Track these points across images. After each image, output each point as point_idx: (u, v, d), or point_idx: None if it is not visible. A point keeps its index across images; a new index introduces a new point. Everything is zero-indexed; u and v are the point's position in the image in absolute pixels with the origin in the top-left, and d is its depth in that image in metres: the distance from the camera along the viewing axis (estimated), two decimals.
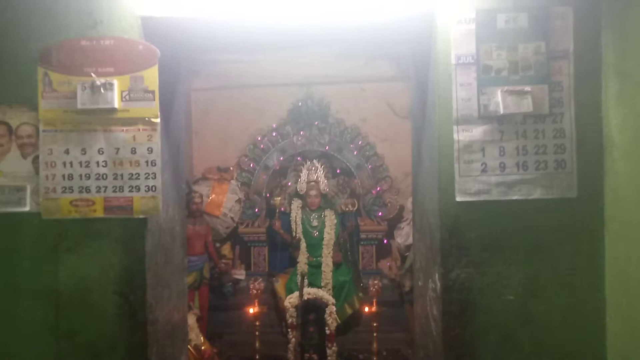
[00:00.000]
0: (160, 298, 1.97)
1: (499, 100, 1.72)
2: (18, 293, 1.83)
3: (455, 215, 1.76)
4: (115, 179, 1.78)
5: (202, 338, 3.52)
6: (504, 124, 1.75)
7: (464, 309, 1.77)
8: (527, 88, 1.72)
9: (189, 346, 2.80)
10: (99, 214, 1.78)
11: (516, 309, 1.77)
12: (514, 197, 1.74)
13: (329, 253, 3.99)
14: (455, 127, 1.76)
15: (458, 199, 1.74)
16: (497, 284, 1.77)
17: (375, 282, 3.48)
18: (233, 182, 4.39)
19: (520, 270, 1.77)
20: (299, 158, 4.39)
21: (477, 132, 1.75)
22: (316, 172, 4.18)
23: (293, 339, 3.46)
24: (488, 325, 1.78)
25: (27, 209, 1.78)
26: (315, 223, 4.15)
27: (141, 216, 1.80)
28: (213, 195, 4.28)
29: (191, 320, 3.25)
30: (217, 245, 4.31)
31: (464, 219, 1.76)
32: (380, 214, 4.30)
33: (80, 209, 1.77)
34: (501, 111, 1.72)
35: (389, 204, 4.31)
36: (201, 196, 4.11)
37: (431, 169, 1.89)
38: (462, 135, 1.76)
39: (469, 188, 1.74)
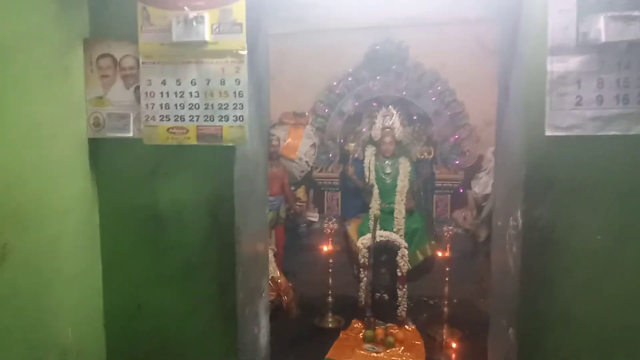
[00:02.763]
0: (245, 224, 2.11)
1: (600, 28, 1.59)
2: (122, 211, 2.05)
3: (543, 151, 1.68)
4: (206, 108, 1.89)
5: (278, 272, 3.75)
6: (605, 54, 1.62)
7: (546, 248, 1.73)
8: (636, 12, 1.56)
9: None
10: (192, 141, 1.92)
11: (602, 252, 1.70)
12: (611, 133, 1.63)
13: (401, 200, 3.99)
14: (549, 58, 1.65)
15: (548, 133, 1.66)
16: (584, 225, 1.70)
17: (450, 228, 3.45)
18: (308, 127, 4.47)
19: (611, 212, 1.68)
20: (374, 104, 4.35)
21: (573, 62, 1.64)
22: (391, 119, 4.13)
23: (365, 279, 3.58)
24: (569, 266, 1.73)
25: (130, 134, 1.96)
26: (388, 170, 4.15)
27: (230, 144, 1.91)
28: (289, 140, 4.40)
29: (269, 254, 3.46)
30: (292, 188, 4.47)
31: (552, 154, 1.68)
32: (457, 162, 4.20)
33: (176, 136, 1.92)
34: (602, 39, 1.58)
35: (467, 153, 4.19)
36: (278, 139, 4.25)
37: (519, 103, 1.80)
38: (556, 66, 1.65)
39: (561, 122, 1.65)
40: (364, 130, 4.36)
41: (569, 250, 1.72)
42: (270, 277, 3.53)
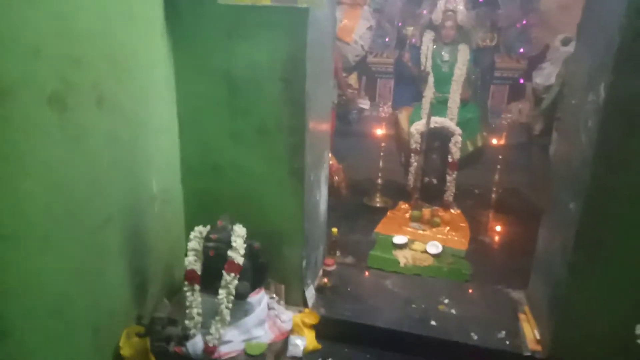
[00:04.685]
0: (315, 92, 2.15)
1: None
2: (197, 71, 2.10)
3: None
4: None
5: (330, 154, 3.85)
6: None
7: (627, 124, 1.70)
8: None
9: None
10: (267, 1, 1.89)
11: None
12: None
13: (457, 89, 3.88)
14: None
15: None
16: None
17: (508, 116, 3.39)
18: (366, 7, 4.27)
19: None
20: None
21: None
22: (455, 1, 3.87)
23: (415, 164, 3.64)
24: None
25: None
26: (446, 57, 3.97)
27: (305, 5, 1.88)
28: (345, 21, 4.25)
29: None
30: (345, 74, 4.41)
31: None
32: (521, 50, 3.99)
33: None
34: None
35: (534, 40, 3.95)
36: (336, 20, 4.09)
37: None
38: None
39: None
40: (424, 13, 4.12)
41: None
42: None
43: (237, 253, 1.87)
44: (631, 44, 1.61)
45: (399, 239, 3.02)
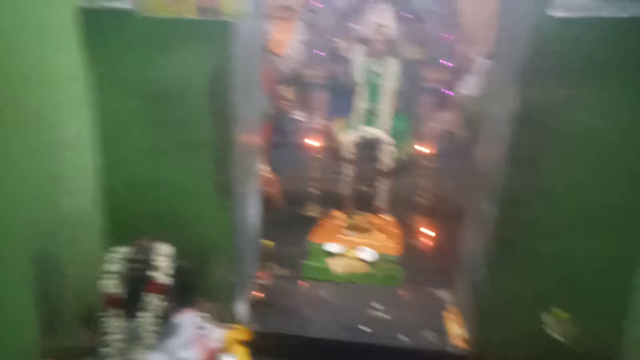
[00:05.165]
0: (241, 105, 2.14)
1: None
2: (119, 85, 2.04)
3: (545, 32, 1.71)
4: None
5: (266, 167, 3.85)
6: None
7: (538, 130, 1.83)
8: None
9: None
10: (192, 14, 1.87)
11: (589, 135, 1.80)
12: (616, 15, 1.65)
13: (388, 101, 4.03)
14: None
15: (553, 13, 1.67)
16: (575, 108, 1.78)
17: (436, 125, 3.55)
18: (299, 22, 4.32)
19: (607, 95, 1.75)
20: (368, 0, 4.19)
21: None
22: (385, 16, 4.02)
23: (348, 173, 3.72)
24: (556, 148, 1.83)
25: (126, 5, 1.89)
26: (377, 70, 4.12)
27: (230, 19, 1.88)
28: (278, 34, 4.27)
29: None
30: (280, 86, 4.43)
31: (554, 36, 1.70)
32: (447, 63, 4.19)
33: (172, 7, 1.86)
34: None
35: (457, 54, 4.17)
36: (268, 34, 4.11)
37: None
38: None
39: (570, 2, 1.65)
40: (355, 27, 4.24)
41: (559, 132, 1.81)
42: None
43: (161, 273, 1.82)
44: (536, 59, 1.75)
45: (332, 247, 3.07)
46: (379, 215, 3.68)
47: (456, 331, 2.26)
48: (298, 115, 4.57)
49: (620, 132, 1.78)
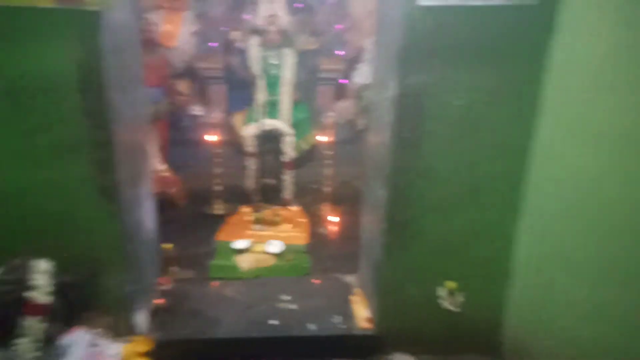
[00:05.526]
0: (121, 102, 1.99)
1: None
2: None
3: (416, 21, 1.79)
4: None
5: (164, 166, 3.66)
6: None
7: (417, 112, 1.92)
8: None
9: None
10: (48, 3, 1.69)
11: (463, 116, 1.93)
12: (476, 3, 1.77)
13: (287, 92, 4.02)
14: None
15: (421, 2, 1.75)
16: (449, 91, 1.89)
17: (334, 114, 3.62)
18: (188, 12, 4.15)
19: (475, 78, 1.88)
20: None
21: None
22: (275, 7, 3.99)
23: (251, 167, 3.67)
24: (434, 129, 1.94)
25: None
26: (274, 61, 4.08)
27: (94, 8, 1.72)
28: (167, 25, 4.06)
29: (153, 149, 3.34)
30: (174, 80, 4.23)
31: (424, 24, 1.79)
32: (340, 52, 4.28)
33: None
34: None
35: (349, 43, 4.27)
36: (156, 25, 3.89)
37: None
38: None
39: None
40: (248, 17, 4.16)
41: (436, 115, 1.92)
42: (156, 172, 3.45)
43: (40, 292, 1.64)
44: (409, 47, 1.83)
45: (239, 244, 3.01)
46: (286, 206, 3.68)
47: (362, 313, 2.33)
48: (196, 110, 4.40)
49: (489, 111, 1.92)
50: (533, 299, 2.01)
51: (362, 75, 4.08)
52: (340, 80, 4.37)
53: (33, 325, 1.62)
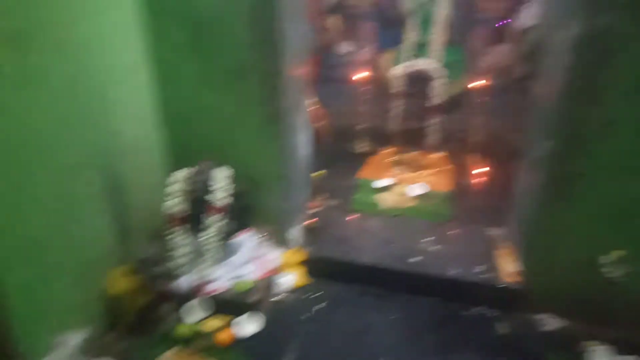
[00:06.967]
0: (289, 33, 2.08)
1: None
2: (165, 13, 2.03)
3: None
4: None
5: (314, 100, 3.82)
6: None
7: (601, 56, 1.70)
8: None
9: None
10: None
11: None
12: None
13: (440, 32, 3.83)
14: None
15: None
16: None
17: (487, 59, 3.37)
18: None
19: None
20: None
21: None
22: None
23: (397, 108, 3.64)
24: (621, 74, 1.71)
25: None
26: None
27: None
28: None
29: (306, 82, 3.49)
30: (325, 16, 4.29)
31: None
32: None
33: None
34: None
35: None
36: None
37: None
38: None
39: None
40: None
41: (622, 60, 1.68)
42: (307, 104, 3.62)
43: (219, 195, 1.90)
44: None
45: (380, 183, 3.08)
46: (430, 151, 3.62)
47: (508, 267, 2.26)
48: (345, 47, 4.44)
49: None
50: None
51: (527, 16, 3.70)
52: (499, 23, 4.02)
53: (213, 221, 1.90)
